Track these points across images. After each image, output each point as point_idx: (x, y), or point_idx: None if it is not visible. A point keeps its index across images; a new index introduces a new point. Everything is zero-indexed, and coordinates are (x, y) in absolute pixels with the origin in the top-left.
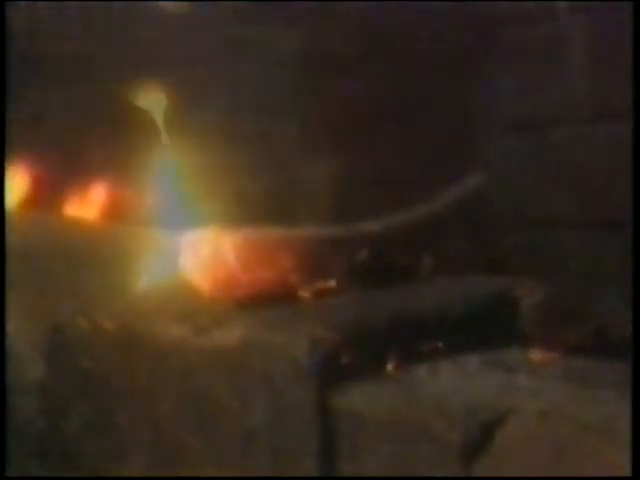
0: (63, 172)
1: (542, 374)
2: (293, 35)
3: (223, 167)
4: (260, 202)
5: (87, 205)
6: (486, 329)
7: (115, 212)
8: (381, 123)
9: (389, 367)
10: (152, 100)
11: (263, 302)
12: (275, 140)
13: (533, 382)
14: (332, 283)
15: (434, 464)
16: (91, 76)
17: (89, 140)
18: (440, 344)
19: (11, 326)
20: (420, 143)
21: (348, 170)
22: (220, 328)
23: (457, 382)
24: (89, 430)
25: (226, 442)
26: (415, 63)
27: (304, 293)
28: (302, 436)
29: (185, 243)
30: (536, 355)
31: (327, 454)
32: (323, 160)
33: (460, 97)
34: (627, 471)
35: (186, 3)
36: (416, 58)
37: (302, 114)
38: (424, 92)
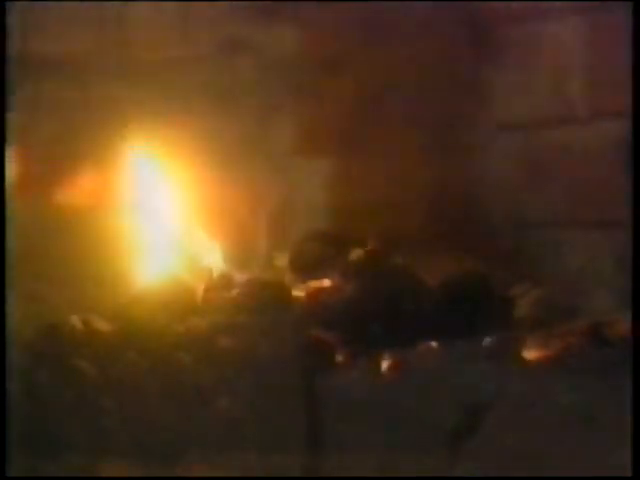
0: (57, 165)
1: (530, 362)
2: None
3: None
4: None
5: (81, 198)
6: (478, 320)
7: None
8: (379, 122)
9: (376, 351)
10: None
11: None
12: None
13: (520, 369)
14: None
15: (420, 448)
16: (86, 75)
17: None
18: (428, 330)
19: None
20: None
21: (346, 171)
22: (204, 315)
23: (444, 367)
24: (73, 417)
25: (210, 426)
26: (413, 63)
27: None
28: (287, 420)
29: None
30: (527, 347)
31: (312, 438)
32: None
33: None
34: (627, 468)
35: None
36: (415, 58)
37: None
38: (422, 92)
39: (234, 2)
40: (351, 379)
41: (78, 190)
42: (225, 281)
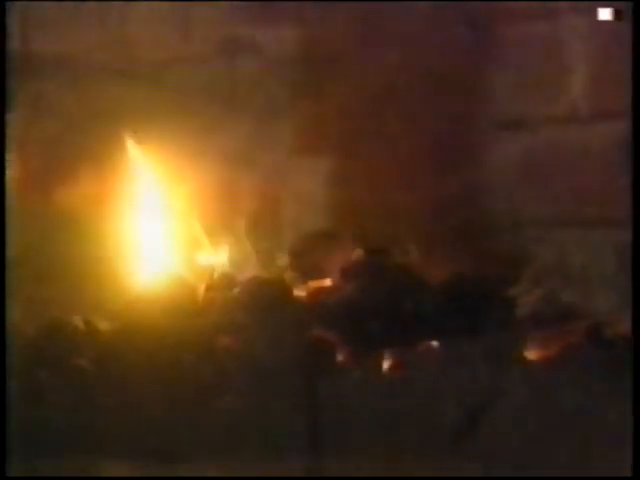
0: (57, 165)
1: (530, 362)
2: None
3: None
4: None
5: (81, 197)
6: (478, 320)
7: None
8: (379, 122)
9: (376, 351)
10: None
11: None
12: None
13: (520, 369)
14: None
15: (421, 448)
16: (86, 74)
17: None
18: (428, 330)
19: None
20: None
21: (346, 171)
22: (204, 315)
23: (446, 367)
24: (73, 417)
25: (211, 426)
26: (413, 63)
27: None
28: (289, 421)
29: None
30: (527, 347)
31: (313, 438)
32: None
33: (457, 97)
34: (627, 468)
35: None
36: (415, 58)
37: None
38: (422, 92)
39: (234, 2)
40: (351, 378)
41: (78, 190)
42: (226, 280)
